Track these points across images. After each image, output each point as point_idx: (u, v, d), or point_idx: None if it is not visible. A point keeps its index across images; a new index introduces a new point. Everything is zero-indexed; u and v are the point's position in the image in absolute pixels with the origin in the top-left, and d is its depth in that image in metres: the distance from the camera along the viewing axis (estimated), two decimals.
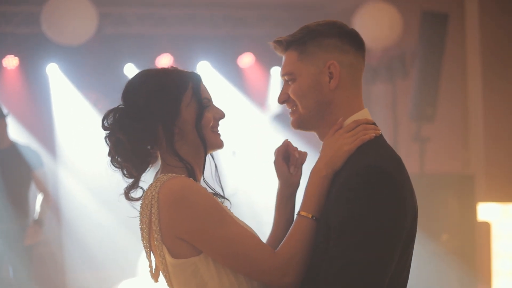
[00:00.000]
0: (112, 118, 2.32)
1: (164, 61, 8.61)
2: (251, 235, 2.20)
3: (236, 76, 9.13)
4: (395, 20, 7.46)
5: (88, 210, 7.92)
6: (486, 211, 7.29)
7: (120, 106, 2.34)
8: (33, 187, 6.84)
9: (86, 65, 8.16)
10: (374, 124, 2.26)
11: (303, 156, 2.46)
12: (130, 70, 8.33)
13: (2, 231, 6.61)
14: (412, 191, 2.16)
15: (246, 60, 9.05)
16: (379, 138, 2.23)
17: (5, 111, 6.71)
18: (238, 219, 2.33)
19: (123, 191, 2.34)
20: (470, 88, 7.68)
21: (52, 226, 8.07)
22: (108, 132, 2.33)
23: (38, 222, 6.61)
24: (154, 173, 2.38)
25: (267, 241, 2.43)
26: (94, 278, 8.11)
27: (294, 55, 2.24)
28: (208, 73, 9.00)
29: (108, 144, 2.33)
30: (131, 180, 2.35)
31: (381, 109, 8.70)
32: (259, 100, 9.03)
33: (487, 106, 7.46)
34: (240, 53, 8.99)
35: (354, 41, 2.27)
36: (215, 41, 8.94)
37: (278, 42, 2.29)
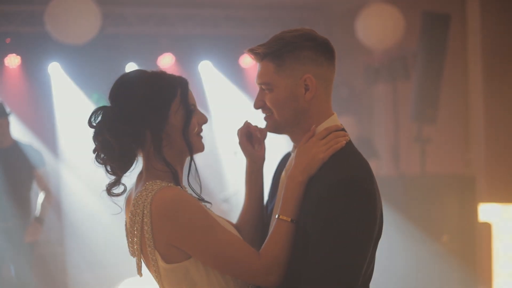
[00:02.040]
0: (100, 118, 2.37)
1: (166, 61, 8.61)
2: (237, 239, 2.32)
3: (238, 76, 9.13)
4: (397, 21, 7.46)
5: (90, 209, 7.93)
6: (487, 212, 7.30)
7: (109, 106, 2.39)
8: (34, 186, 6.85)
9: (88, 64, 8.16)
10: (343, 129, 2.40)
11: (264, 133, 2.66)
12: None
13: (4, 230, 6.61)
14: (379, 195, 2.29)
15: (248, 60, 9.05)
16: (349, 144, 2.35)
17: (7, 110, 6.72)
18: (221, 218, 2.47)
19: (105, 188, 2.42)
20: (471, 89, 7.68)
21: (54, 225, 8.09)
22: (95, 131, 2.38)
23: (39, 220, 6.62)
24: (135, 171, 2.46)
25: (240, 215, 2.68)
26: (95, 277, 8.12)
27: (271, 66, 2.35)
28: (210, 73, 9.01)
29: (95, 143, 2.39)
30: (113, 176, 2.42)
31: (383, 110, 8.71)
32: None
33: (488, 107, 7.46)
34: (242, 53, 8.98)
35: (327, 52, 2.38)
36: (217, 41, 8.95)
37: (254, 53, 2.40)
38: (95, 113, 2.38)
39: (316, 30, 2.41)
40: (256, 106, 2.44)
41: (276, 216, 2.30)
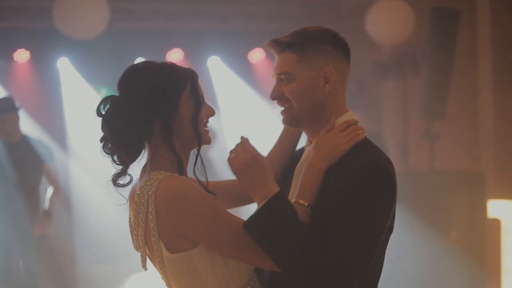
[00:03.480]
0: (109, 107, 2.38)
1: (175, 56, 8.61)
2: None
3: (247, 71, 9.13)
4: (406, 16, 7.44)
5: (99, 204, 7.94)
6: (496, 208, 7.27)
7: (118, 95, 2.40)
8: (43, 181, 6.88)
9: (97, 59, 8.17)
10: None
11: None
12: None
13: (13, 224, 6.64)
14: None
15: (257, 55, 9.04)
16: (366, 139, 2.41)
17: (17, 104, 6.75)
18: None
19: (111, 178, 2.42)
20: (480, 85, 7.65)
21: (63, 220, 8.10)
22: (104, 119, 2.38)
23: (47, 214, 6.64)
24: (141, 162, 2.46)
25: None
26: (104, 271, 8.14)
27: (293, 57, 2.39)
28: (218, 68, 9.01)
29: (103, 132, 2.39)
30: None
31: (391, 106, 8.69)
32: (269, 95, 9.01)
33: (497, 103, 7.43)
34: (251, 48, 8.98)
35: (345, 49, 2.44)
36: (226, 36, 8.94)
37: (277, 43, 2.42)
38: (103, 102, 2.39)
39: (326, 26, 2.44)
40: (273, 97, 2.47)
41: (293, 201, 2.29)
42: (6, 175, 6.66)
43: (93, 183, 8.02)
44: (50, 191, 6.77)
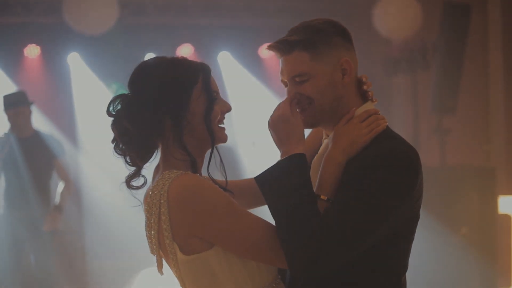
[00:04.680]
0: (119, 106, 2.30)
1: (185, 51, 8.61)
2: (263, 222, 2.21)
3: (257, 67, 9.11)
4: (417, 11, 7.42)
5: (109, 198, 7.95)
6: (507, 204, 7.25)
7: (128, 94, 2.32)
8: (54, 176, 6.90)
9: (107, 54, 8.17)
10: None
11: None
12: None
13: (24, 219, 6.67)
14: (422, 179, 2.23)
15: (267, 50, 9.02)
16: (388, 128, 2.32)
17: (30, 99, 6.78)
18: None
19: (124, 180, 2.34)
20: (491, 80, 7.62)
21: (73, 215, 8.12)
22: (114, 119, 2.30)
23: (58, 209, 6.66)
24: (154, 162, 2.38)
25: None
26: (114, 266, 8.15)
27: (305, 55, 2.29)
28: (228, 63, 9.00)
29: (114, 132, 2.31)
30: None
31: (402, 101, 8.67)
32: (280, 90, 9.00)
33: (508, 98, 7.40)
34: (261, 43, 8.95)
35: (351, 39, 2.36)
36: (236, 31, 8.93)
37: (284, 43, 2.33)
38: (113, 101, 2.30)
39: (335, 21, 2.39)
40: (293, 98, 2.34)
41: None
42: (17, 170, 6.69)
43: (104, 178, 8.03)
44: (61, 186, 6.78)
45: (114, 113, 2.30)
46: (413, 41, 7.85)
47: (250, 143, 8.23)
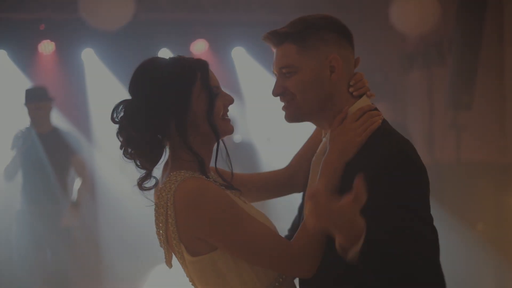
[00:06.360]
0: (122, 112, 2.30)
1: (199, 47, 8.61)
2: (266, 229, 2.23)
3: (271, 62, 9.07)
4: (432, 6, 7.39)
5: (124, 195, 7.96)
6: None
7: (129, 99, 2.32)
8: (72, 172, 6.93)
9: (121, 50, 8.17)
10: (376, 109, 2.32)
11: None
12: (165, 56, 8.32)
13: (42, 214, 6.70)
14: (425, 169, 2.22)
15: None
16: (384, 123, 2.29)
17: (50, 95, 6.82)
18: (251, 207, 2.37)
19: (136, 182, 2.35)
20: (507, 75, 7.58)
21: (89, 212, 8.14)
22: (119, 126, 2.31)
23: (75, 205, 6.69)
24: (162, 163, 2.39)
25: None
26: (129, 263, 8.17)
27: (293, 48, 2.30)
28: (243, 59, 8.99)
29: (119, 139, 2.32)
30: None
31: (417, 96, 8.63)
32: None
33: None
34: None
35: (348, 35, 2.33)
36: (251, 27, 8.89)
37: (274, 34, 2.37)
38: (116, 108, 2.32)
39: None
40: (275, 93, 2.38)
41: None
42: (36, 166, 6.73)
43: (118, 175, 8.04)
44: (78, 182, 6.81)
45: (118, 120, 2.31)
46: (428, 36, 7.82)
47: (265, 139, 8.23)
